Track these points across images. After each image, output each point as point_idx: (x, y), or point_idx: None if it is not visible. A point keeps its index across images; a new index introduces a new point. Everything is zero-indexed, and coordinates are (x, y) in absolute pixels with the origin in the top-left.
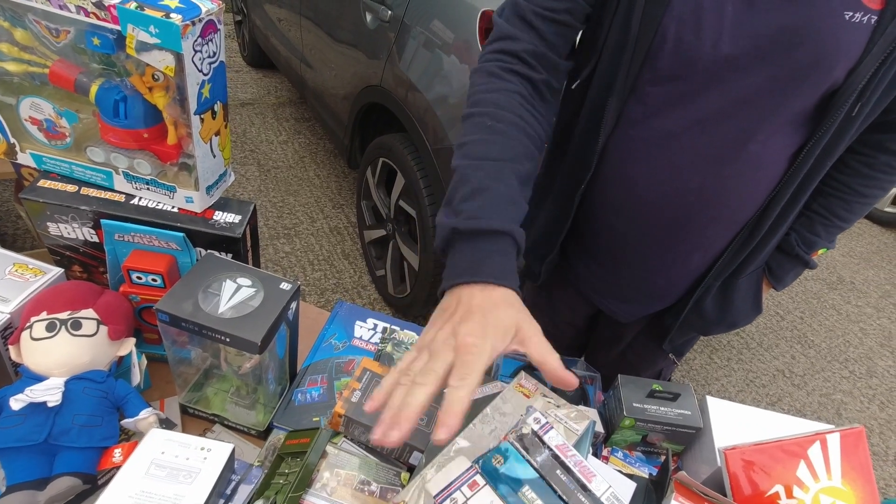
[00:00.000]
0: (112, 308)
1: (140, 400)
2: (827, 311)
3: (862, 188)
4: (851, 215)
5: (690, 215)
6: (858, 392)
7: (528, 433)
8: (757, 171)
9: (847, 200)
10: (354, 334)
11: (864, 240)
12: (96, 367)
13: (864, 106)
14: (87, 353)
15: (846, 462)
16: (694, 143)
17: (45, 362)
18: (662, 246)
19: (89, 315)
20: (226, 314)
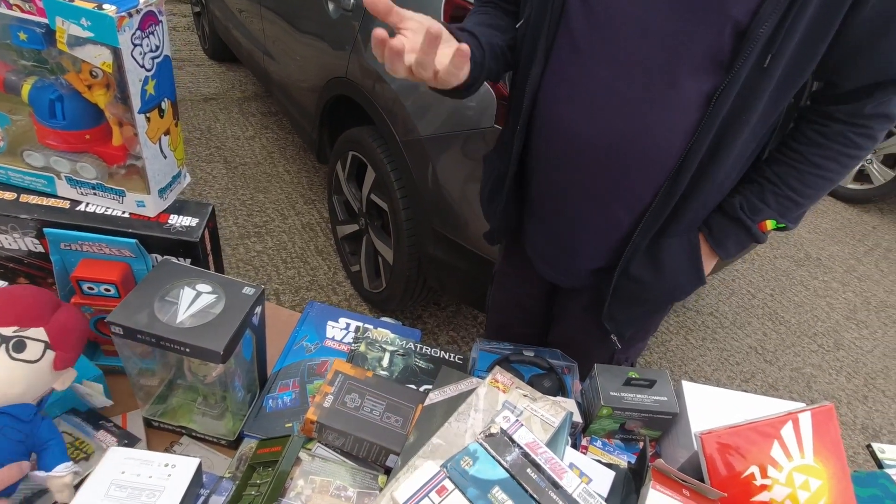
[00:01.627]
0: (67, 330)
1: (62, 450)
2: (796, 288)
3: (816, 158)
4: (805, 188)
5: (612, 159)
6: (827, 365)
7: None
8: (672, 113)
9: (800, 170)
10: (327, 335)
11: (829, 216)
12: (26, 400)
13: (776, 58)
14: (22, 382)
15: (818, 440)
16: (612, 83)
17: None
18: (588, 195)
19: (38, 336)
20: (185, 323)
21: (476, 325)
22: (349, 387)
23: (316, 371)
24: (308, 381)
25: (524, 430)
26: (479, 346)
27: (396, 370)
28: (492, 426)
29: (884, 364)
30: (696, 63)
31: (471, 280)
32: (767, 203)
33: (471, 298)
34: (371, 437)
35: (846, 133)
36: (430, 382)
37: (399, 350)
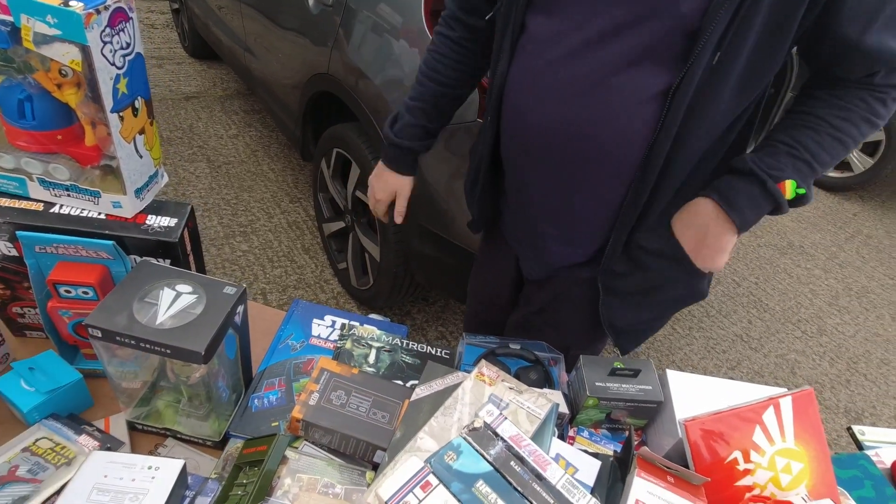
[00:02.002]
0: None
1: None
2: (780, 276)
3: (833, 119)
4: (822, 151)
5: (572, 150)
6: (811, 350)
7: (481, 426)
8: (631, 105)
9: (817, 131)
10: (312, 333)
11: (811, 205)
12: None
13: (730, 57)
14: None
15: (798, 424)
16: (571, 72)
17: None
18: (552, 186)
19: None
20: (165, 324)
21: None
22: (335, 384)
23: (302, 369)
24: (294, 380)
25: (508, 424)
26: (465, 341)
27: (383, 366)
28: (475, 420)
29: (865, 348)
30: (652, 57)
31: (458, 275)
32: (784, 165)
33: (458, 293)
34: (358, 433)
35: (865, 97)
36: (416, 378)
37: (385, 346)
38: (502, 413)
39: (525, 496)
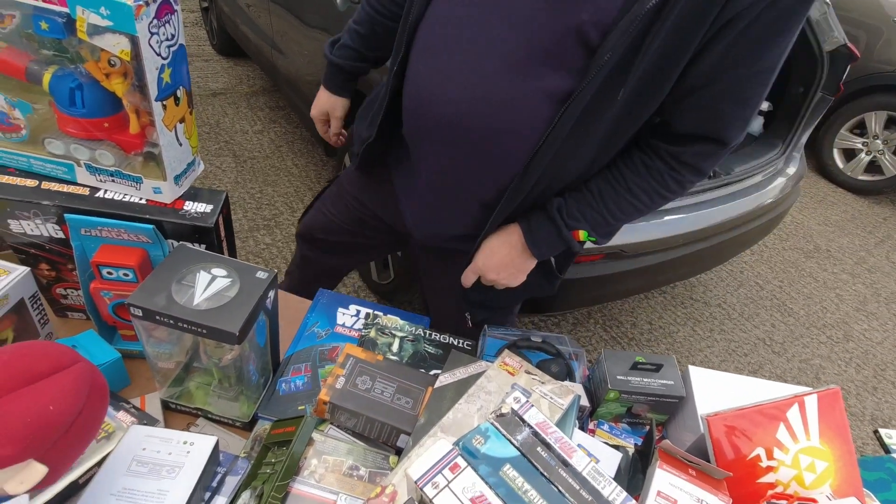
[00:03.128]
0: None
1: None
2: (805, 280)
3: (634, 186)
4: (618, 210)
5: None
6: (836, 356)
7: (508, 412)
8: (526, 103)
9: (617, 191)
10: (337, 321)
11: (839, 208)
12: None
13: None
14: None
15: (823, 422)
16: (463, 58)
17: None
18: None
19: None
20: (201, 306)
21: None
22: (360, 369)
23: (327, 356)
24: (320, 366)
25: (534, 411)
26: (487, 333)
27: (406, 355)
28: (502, 406)
29: (894, 355)
30: (554, 62)
31: None
32: (584, 214)
33: None
34: (382, 417)
35: (664, 174)
36: (438, 367)
37: (409, 336)
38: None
39: (551, 481)
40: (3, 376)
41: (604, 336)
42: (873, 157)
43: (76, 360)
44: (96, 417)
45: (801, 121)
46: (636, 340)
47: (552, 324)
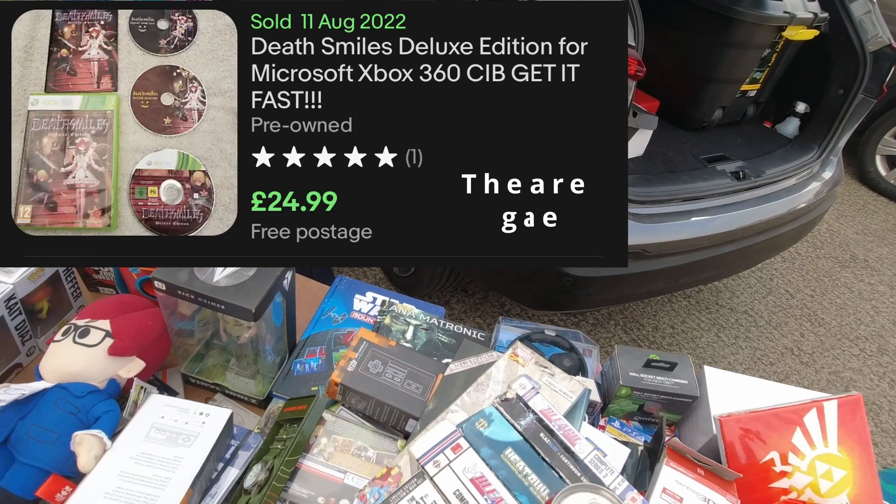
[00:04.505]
0: (127, 324)
1: (110, 426)
2: (839, 290)
3: None
4: None
5: None
6: (868, 370)
7: (513, 398)
8: None
9: None
10: (354, 307)
11: (879, 217)
12: (86, 380)
13: None
14: (78, 362)
15: (843, 429)
16: None
17: (43, 365)
18: None
19: (102, 326)
20: (221, 283)
21: (503, 312)
22: (373, 353)
23: (342, 340)
24: (334, 350)
25: (539, 398)
26: (502, 325)
27: (419, 343)
28: (508, 392)
29: None
30: None
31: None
32: None
33: (498, 285)
34: (392, 401)
35: None
36: (451, 356)
37: (423, 325)
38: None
39: (553, 467)
40: (122, 306)
41: (623, 338)
42: None
43: (155, 304)
44: (167, 339)
45: (840, 124)
46: (657, 344)
47: (571, 323)
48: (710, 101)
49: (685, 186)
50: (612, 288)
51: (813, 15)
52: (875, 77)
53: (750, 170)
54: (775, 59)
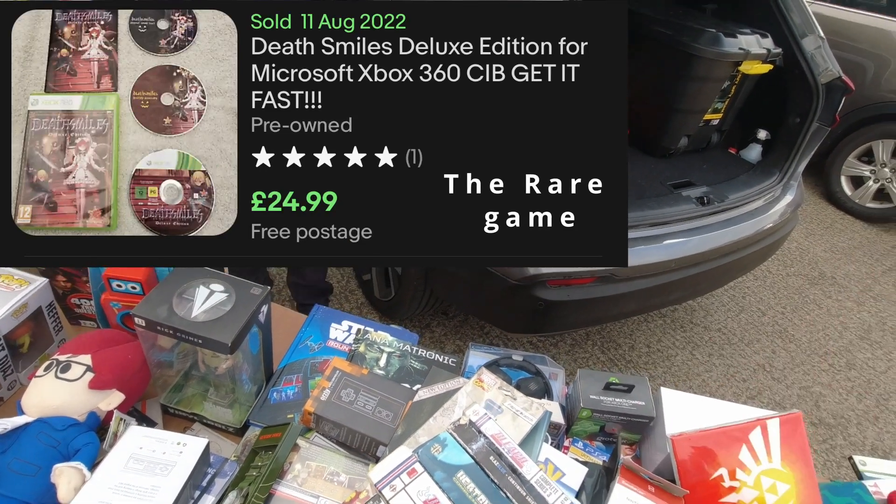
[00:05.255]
0: (107, 359)
1: (89, 458)
2: (808, 306)
3: None
4: None
5: None
6: (837, 384)
7: (466, 423)
8: None
9: None
10: (330, 336)
11: (846, 235)
12: (67, 414)
13: None
14: (59, 396)
15: (785, 445)
16: None
17: (25, 400)
18: None
19: (83, 360)
20: (199, 318)
21: (482, 335)
22: (345, 382)
23: (318, 368)
24: (310, 378)
25: (491, 423)
26: (471, 351)
27: (392, 370)
28: (461, 418)
29: None
30: None
31: (476, 291)
32: None
33: (476, 309)
34: (363, 429)
35: None
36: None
37: (396, 352)
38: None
39: (501, 488)
40: (102, 341)
41: (601, 358)
42: (881, 185)
43: (136, 337)
44: (147, 371)
45: (799, 150)
46: (633, 363)
47: (550, 344)
48: (676, 129)
49: (652, 212)
50: (585, 310)
51: (766, 51)
52: (828, 107)
53: (714, 195)
54: (734, 91)
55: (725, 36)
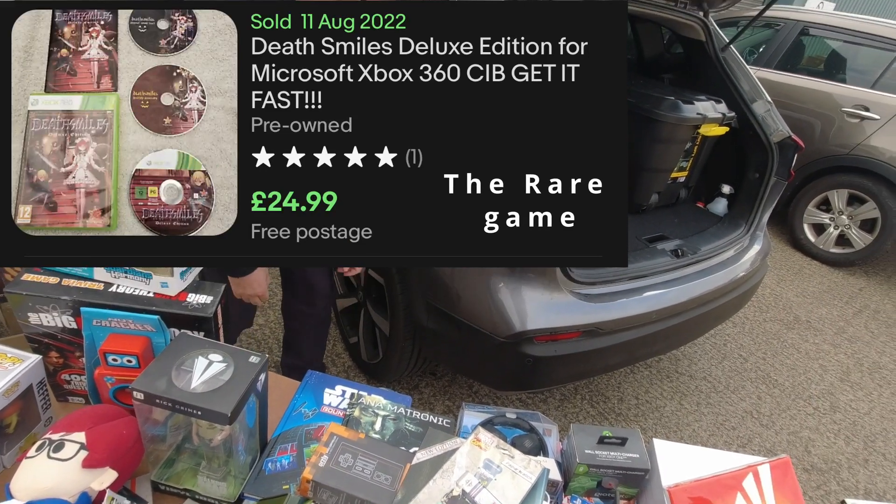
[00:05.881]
0: (102, 435)
1: None
2: (787, 350)
3: None
4: None
5: None
6: (824, 428)
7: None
8: None
9: None
10: (324, 401)
11: (815, 280)
12: (58, 495)
13: None
14: (52, 477)
15: (778, 490)
16: None
17: (15, 483)
18: None
19: (76, 438)
20: (198, 389)
21: (471, 393)
22: (343, 447)
23: (313, 435)
24: (305, 445)
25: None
26: (465, 410)
27: (388, 433)
28: (454, 489)
29: (882, 426)
30: None
31: (464, 350)
32: None
33: (464, 368)
34: (362, 494)
35: None
36: (418, 445)
37: (391, 415)
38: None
39: None
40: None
41: (591, 412)
42: (841, 231)
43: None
44: (141, 446)
45: (761, 203)
46: (623, 416)
47: (539, 400)
48: (647, 187)
49: (630, 266)
50: (573, 365)
51: (722, 115)
52: (783, 163)
53: (687, 247)
54: (696, 151)
55: (683, 103)
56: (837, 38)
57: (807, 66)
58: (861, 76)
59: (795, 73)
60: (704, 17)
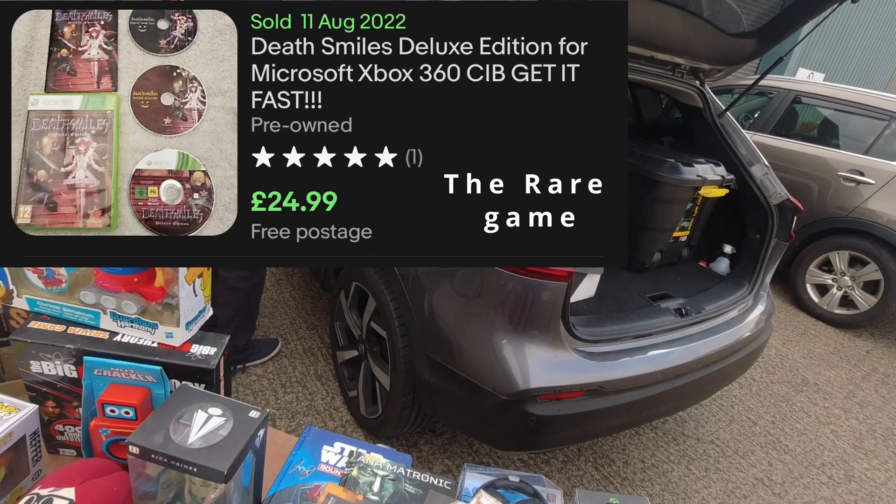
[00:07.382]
0: (92, 491)
1: None
2: (797, 415)
3: None
4: None
5: None
6: (840, 499)
7: None
8: None
9: None
10: (322, 459)
11: (821, 341)
12: None
13: None
14: None
15: None
16: None
17: None
18: None
19: (66, 494)
20: (195, 444)
21: (471, 452)
22: None
23: (309, 496)
24: None
25: None
26: (466, 472)
27: (386, 495)
28: None
29: None
30: None
31: (465, 407)
32: None
33: (465, 425)
34: None
35: None
36: None
37: (390, 475)
38: None
39: None
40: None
41: (595, 475)
42: (845, 293)
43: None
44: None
45: (763, 263)
46: (629, 480)
47: (542, 461)
48: (649, 246)
49: (634, 325)
50: (577, 425)
51: (721, 177)
52: (783, 224)
53: (691, 306)
54: (697, 212)
55: (683, 165)
56: (829, 106)
57: (801, 132)
58: (854, 142)
59: (791, 138)
60: (701, 86)
